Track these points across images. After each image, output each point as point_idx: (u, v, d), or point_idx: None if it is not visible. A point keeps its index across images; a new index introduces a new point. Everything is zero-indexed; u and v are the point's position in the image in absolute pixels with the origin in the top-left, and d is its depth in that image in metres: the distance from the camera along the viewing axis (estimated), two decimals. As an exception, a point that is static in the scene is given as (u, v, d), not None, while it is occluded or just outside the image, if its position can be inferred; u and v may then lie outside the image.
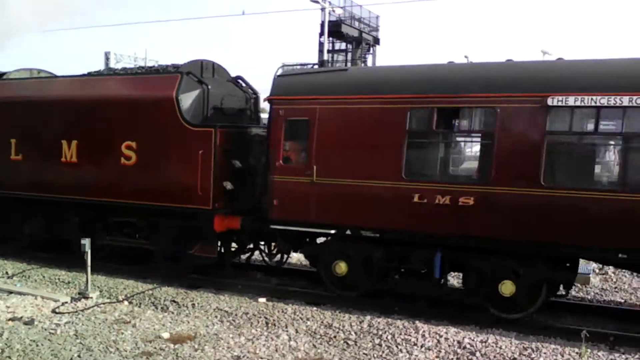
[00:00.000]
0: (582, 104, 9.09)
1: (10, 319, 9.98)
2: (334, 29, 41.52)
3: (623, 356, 8.43)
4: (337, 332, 9.47)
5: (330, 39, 43.19)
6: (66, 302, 10.97)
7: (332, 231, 11.22)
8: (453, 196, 9.81)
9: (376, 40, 47.76)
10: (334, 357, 8.56)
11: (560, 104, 9.19)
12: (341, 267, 11.04)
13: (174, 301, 11.02)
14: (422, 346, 8.84)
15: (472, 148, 10.98)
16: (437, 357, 8.53)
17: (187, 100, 11.90)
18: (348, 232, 11.01)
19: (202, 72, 12.67)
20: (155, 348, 8.77)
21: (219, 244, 12.63)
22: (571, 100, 9.13)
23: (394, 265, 10.84)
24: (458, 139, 11.05)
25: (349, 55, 46.06)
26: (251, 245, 12.95)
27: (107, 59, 49.02)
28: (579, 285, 10.96)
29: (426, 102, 10.12)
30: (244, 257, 13.52)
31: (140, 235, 12.94)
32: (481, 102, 9.92)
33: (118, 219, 12.99)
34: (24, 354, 8.40)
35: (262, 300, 11.14)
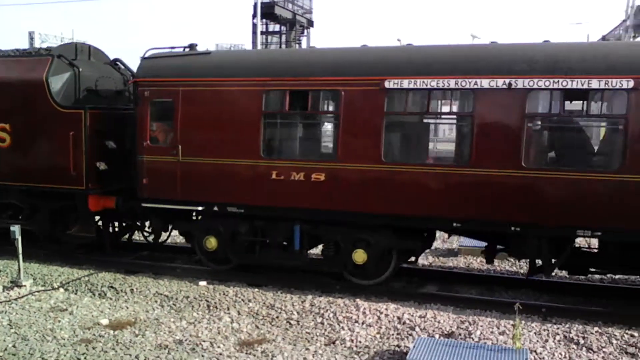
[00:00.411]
0: (415, 87, 9.94)
1: (-63, 311, 9.55)
2: (267, 11, 41.10)
3: (555, 326, 8.86)
4: (280, 313, 9.54)
5: (264, 20, 42.77)
6: (-3, 292, 10.59)
7: (200, 208, 11.48)
8: (306, 172, 10.49)
9: (310, 23, 47.64)
10: (277, 337, 8.62)
11: (395, 86, 9.96)
12: (211, 242, 11.56)
13: (112, 287, 10.80)
14: (363, 323, 9.01)
15: (322, 128, 11.59)
16: (377, 333, 8.72)
17: (58, 82, 12.06)
18: (215, 208, 11.29)
19: (76, 54, 12.81)
20: (94, 335, 8.60)
21: (100, 223, 13.01)
22: (405, 83, 9.93)
23: (258, 239, 11.38)
24: (308, 119, 11.53)
25: (284, 37, 45.88)
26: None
27: (31, 39, 46.79)
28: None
29: (279, 85, 10.70)
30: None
31: (22, 217, 12.88)
32: (328, 85, 10.56)
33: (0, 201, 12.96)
34: (-46, 346, 8.07)
35: (203, 283, 11.07)
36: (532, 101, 9.55)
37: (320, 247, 11.55)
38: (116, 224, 13.54)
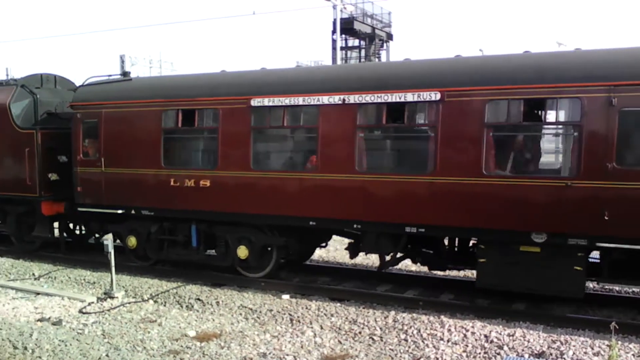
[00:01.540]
0: (274, 104, 11.43)
1: (38, 320, 10.09)
2: (347, 26, 41.47)
3: (654, 347, 8.33)
4: (362, 328, 9.46)
5: (343, 36, 43.16)
6: (92, 302, 11.08)
7: (120, 211, 13.23)
8: (196, 179, 12.23)
9: (389, 36, 47.67)
10: (360, 352, 8.55)
11: (259, 104, 11.51)
12: (132, 241, 13.43)
13: (199, 299, 11.07)
14: (448, 341, 8.79)
15: (206, 141, 12.88)
16: (464, 351, 8.48)
17: (18, 107, 14.51)
18: (133, 212, 13.03)
19: (42, 83, 15.24)
20: (181, 346, 8.82)
21: (58, 226, 15.28)
22: (267, 101, 11.46)
23: (166, 237, 13.07)
24: (196, 134, 13.01)
25: (363, 52, 46.06)
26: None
27: (122, 62, 49.23)
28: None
29: (174, 105, 12.53)
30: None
31: (1, 222, 15.50)
32: (209, 104, 12.21)
33: None
34: (54, 354, 8.45)
35: (286, 297, 11.17)
36: (362, 114, 10.84)
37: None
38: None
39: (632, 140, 9.14)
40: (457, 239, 11.15)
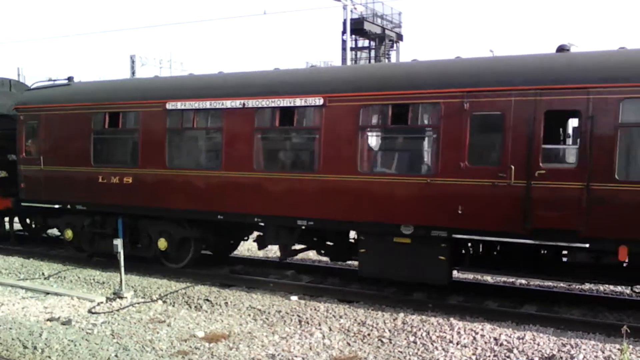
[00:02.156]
0: (185, 108, 12.53)
1: (48, 319, 10.13)
2: (357, 27, 41.39)
3: (666, 352, 8.24)
4: (371, 330, 9.43)
5: (353, 36, 43.09)
6: (102, 302, 11.11)
7: (57, 206, 14.37)
8: (120, 176, 13.30)
9: (399, 37, 47.53)
10: (368, 355, 8.51)
11: (173, 107, 12.60)
12: (68, 234, 14.45)
13: (207, 300, 11.08)
14: (458, 343, 8.75)
15: (130, 141, 13.70)
16: (473, 354, 8.43)
17: None
18: (68, 206, 14.15)
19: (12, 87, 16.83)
20: (190, 347, 8.82)
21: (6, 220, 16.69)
22: (179, 105, 12.50)
23: (97, 230, 14.04)
24: (120, 134, 13.97)
25: (373, 52, 45.97)
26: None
27: (132, 62, 49.49)
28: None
29: (101, 108, 13.65)
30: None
31: None
32: (130, 107, 13.35)
33: None
34: (63, 354, 8.49)
35: (295, 298, 11.15)
36: (259, 117, 11.81)
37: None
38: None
39: (480, 141, 10.13)
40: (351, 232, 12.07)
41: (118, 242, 11.44)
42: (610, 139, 9.15)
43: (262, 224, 12.24)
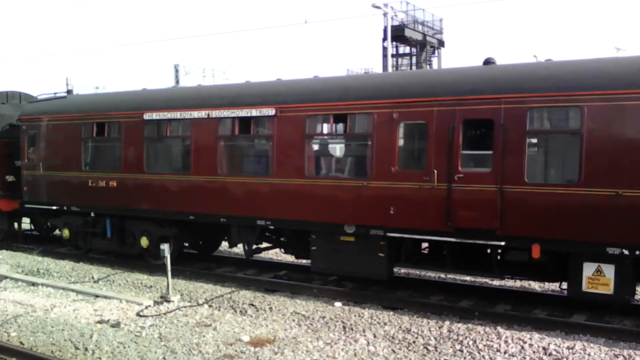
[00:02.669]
0: (159, 118, 13.74)
1: (98, 322, 10.37)
2: (397, 34, 41.31)
3: None
4: (416, 337, 9.36)
5: (394, 43, 42.99)
6: (149, 306, 11.31)
7: (54, 207, 15.80)
8: (107, 180, 14.69)
9: (441, 43, 47.22)
10: (414, 362, 8.46)
11: (149, 117, 13.87)
12: (66, 233, 15.93)
13: (252, 304, 11.17)
14: (505, 352, 8.61)
15: (114, 148, 14.97)
16: (521, 363, 8.29)
17: None
18: (65, 207, 15.55)
19: (7, 100, 18.22)
20: (236, 351, 8.91)
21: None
22: (154, 116, 13.76)
23: (89, 230, 15.42)
24: (105, 142, 15.38)
25: (414, 59, 45.76)
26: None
27: (176, 71, 50.32)
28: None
29: (90, 119, 15.09)
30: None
31: None
32: (113, 118, 14.72)
33: None
34: (112, 356, 8.68)
35: (338, 304, 11.16)
36: (222, 126, 12.89)
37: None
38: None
39: (408, 148, 11.42)
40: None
41: (165, 247, 11.64)
42: (520, 145, 9.85)
43: (227, 223, 13.14)
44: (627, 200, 9.10)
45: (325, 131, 12.26)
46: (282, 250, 13.80)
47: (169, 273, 11.66)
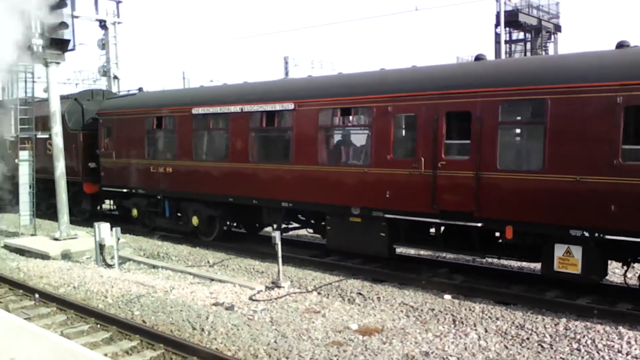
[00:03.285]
0: (204, 112, 15.73)
1: (213, 304, 10.83)
2: (511, 19, 39.81)
3: None
4: (530, 334, 9.03)
5: (507, 29, 41.42)
6: (261, 291, 11.67)
7: (124, 190, 18.37)
8: (164, 167, 16.95)
9: (557, 28, 44.98)
10: (527, 359, 8.17)
11: (196, 112, 15.88)
12: (134, 212, 18.39)
13: (360, 294, 11.24)
14: (627, 354, 8.12)
15: (170, 139, 17.22)
16: (646, 367, 7.79)
17: (72, 115, 20.31)
18: (133, 190, 17.95)
19: (92, 97, 21.01)
20: (344, 338, 9.00)
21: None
22: (200, 110, 15.72)
23: (152, 209, 17.86)
24: (164, 134, 17.54)
25: (528, 45, 43.92)
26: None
27: (286, 63, 51.31)
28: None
29: (151, 113, 17.41)
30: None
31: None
32: (170, 113, 16.93)
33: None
34: (227, 337, 9.04)
35: (448, 297, 10.98)
36: (252, 119, 14.65)
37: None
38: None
39: (400, 138, 12.52)
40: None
41: (276, 235, 11.93)
42: (493, 135, 10.69)
43: (259, 205, 14.78)
44: (585, 185, 9.69)
45: (334, 123, 13.64)
46: (307, 230, 15.36)
47: (280, 260, 11.96)
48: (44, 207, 21.25)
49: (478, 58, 12.20)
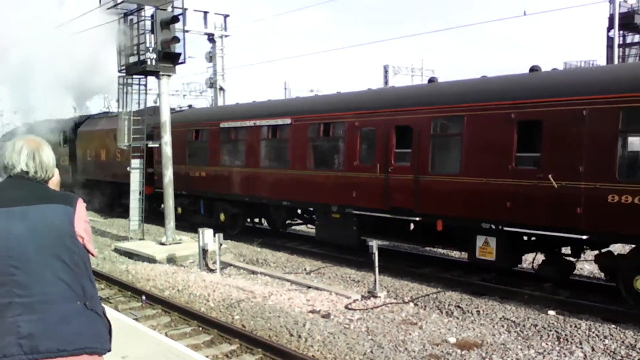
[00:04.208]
0: (229, 126, 18.75)
1: (310, 311, 10.94)
2: (626, 21, 37.48)
3: None
4: (643, 355, 8.46)
5: (621, 32, 39.14)
6: (357, 300, 11.66)
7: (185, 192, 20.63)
8: (199, 172, 19.95)
9: (677, 29, 41.96)
10: (640, 382, 7.65)
11: (223, 126, 18.89)
12: (179, 210, 20.10)
13: (459, 306, 10.98)
14: None
15: (205, 148, 20.16)
16: None
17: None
18: (178, 191, 19.00)
19: (154, 112, 20.69)
20: (442, 352, 8.82)
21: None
22: (226, 125, 18.81)
23: (190, 208, 20.71)
24: (199, 144, 20.44)
25: (644, 48, 41.26)
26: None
27: (385, 72, 51.23)
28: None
29: (190, 127, 20.72)
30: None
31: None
32: (204, 125, 20.28)
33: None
34: (323, 345, 9.10)
35: (552, 312, 10.50)
36: (262, 132, 17.47)
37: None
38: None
39: (364, 147, 14.56)
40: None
41: (373, 244, 11.89)
42: (426, 145, 12.94)
43: (267, 203, 17.63)
44: (491, 186, 11.66)
45: (319, 135, 15.87)
46: (308, 226, 18.61)
47: (377, 269, 11.91)
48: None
49: (430, 81, 14.52)
